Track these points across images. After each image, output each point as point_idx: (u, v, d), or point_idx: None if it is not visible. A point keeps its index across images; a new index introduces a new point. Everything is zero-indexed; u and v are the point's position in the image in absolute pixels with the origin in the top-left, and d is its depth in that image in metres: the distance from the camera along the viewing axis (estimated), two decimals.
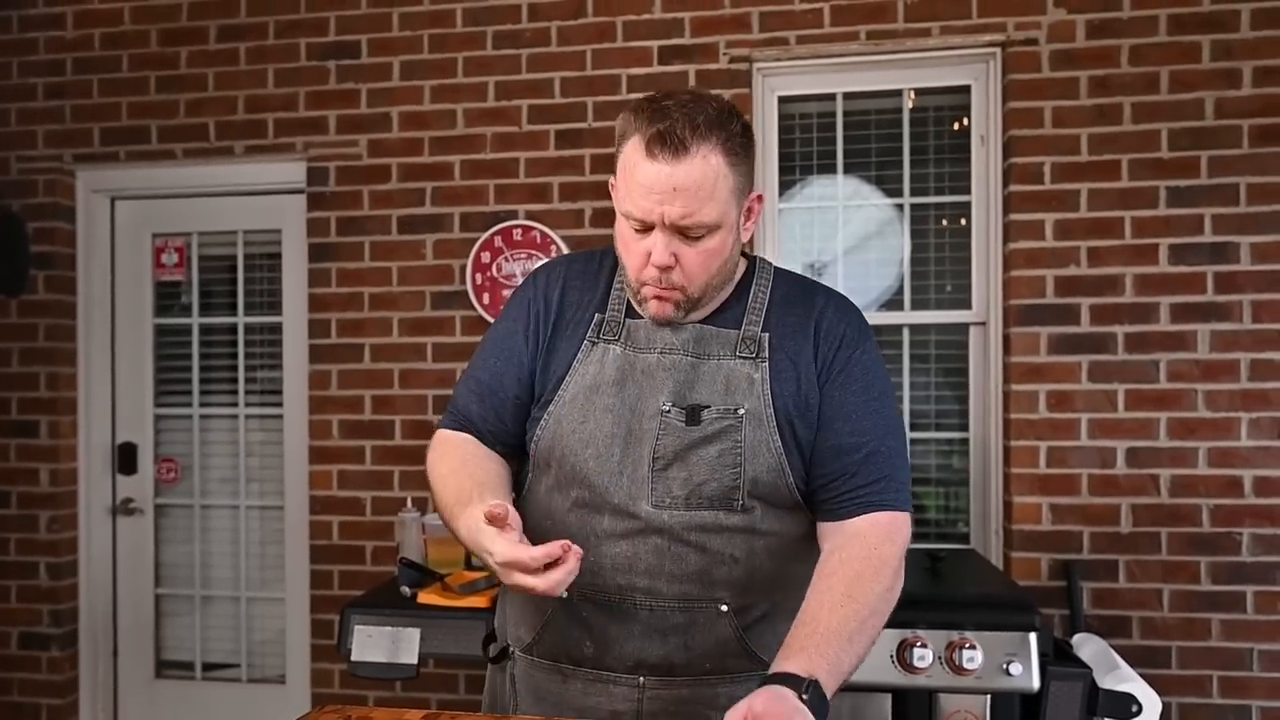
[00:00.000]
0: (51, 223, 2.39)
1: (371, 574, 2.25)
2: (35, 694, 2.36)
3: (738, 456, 0.90)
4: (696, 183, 0.85)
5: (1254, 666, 1.93)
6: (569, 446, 0.92)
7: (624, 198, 0.89)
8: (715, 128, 0.86)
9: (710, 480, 0.90)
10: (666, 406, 0.91)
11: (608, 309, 0.97)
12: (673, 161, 0.84)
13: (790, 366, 0.93)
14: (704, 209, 0.86)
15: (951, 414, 2.19)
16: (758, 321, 0.95)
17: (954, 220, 2.19)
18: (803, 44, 2.12)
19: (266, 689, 2.41)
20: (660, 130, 0.84)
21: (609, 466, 0.91)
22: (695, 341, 0.94)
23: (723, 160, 0.86)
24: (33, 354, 2.39)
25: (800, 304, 0.97)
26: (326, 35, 2.30)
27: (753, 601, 0.93)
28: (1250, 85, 1.96)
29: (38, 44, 2.41)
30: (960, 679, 1.52)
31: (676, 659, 0.92)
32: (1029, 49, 2.04)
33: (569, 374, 0.94)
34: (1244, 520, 1.95)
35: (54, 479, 2.37)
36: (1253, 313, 1.96)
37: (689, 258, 0.88)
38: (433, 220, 2.26)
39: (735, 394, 0.92)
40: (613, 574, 0.91)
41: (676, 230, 0.87)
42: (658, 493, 0.90)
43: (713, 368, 0.93)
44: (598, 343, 0.95)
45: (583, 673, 0.95)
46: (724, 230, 0.89)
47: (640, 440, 0.91)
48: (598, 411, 0.92)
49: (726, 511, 0.90)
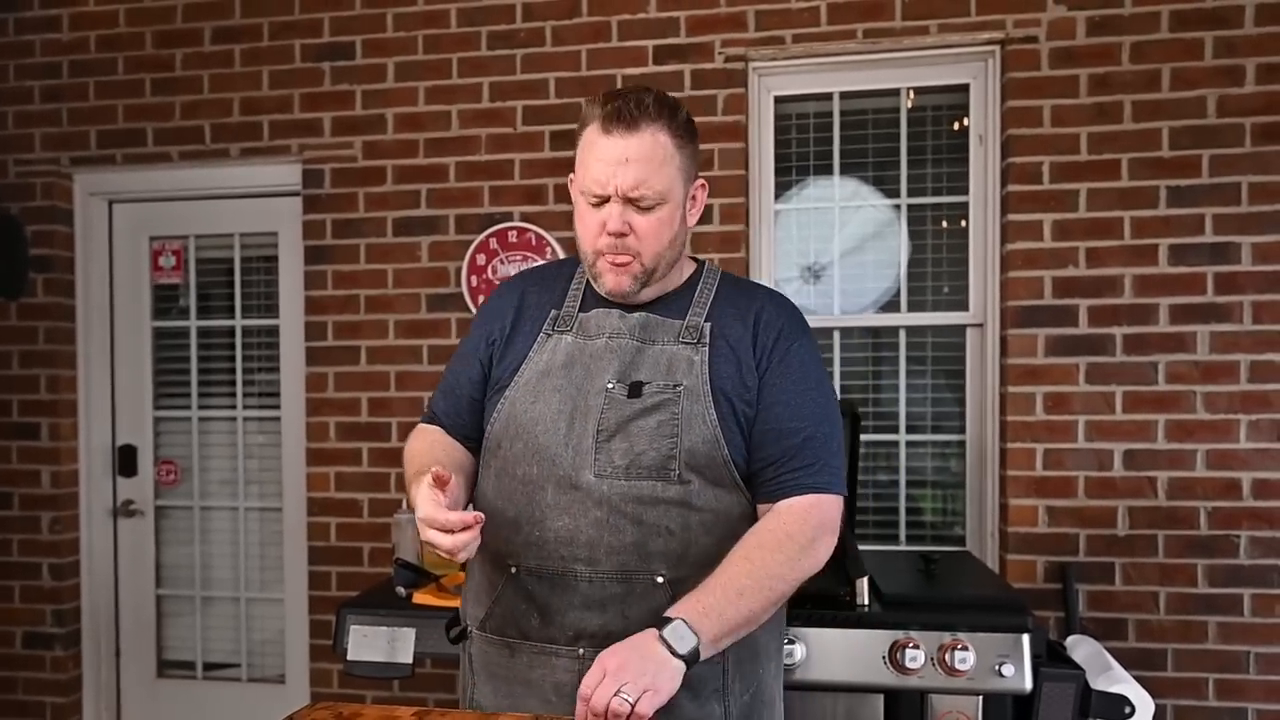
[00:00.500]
0: (50, 226, 2.40)
1: (369, 575, 2.26)
2: (40, 693, 2.40)
3: (675, 427, 0.97)
4: (646, 154, 0.96)
5: (1250, 669, 1.93)
6: (521, 425, 1.00)
7: (582, 176, 0.99)
8: (661, 110, 0.98)
9: (649, 450, 0.97)
10: (611, 384, 0.99)
11: (564, 305, 1.06)
12: (625, 135, 0.96)
13: (729, 352, 1.01)
14: (653, 179, 0.97)
15: (948, 416, 2.18)
16: (701, 313, 1.04)
17: (952, 221, 2.17)
18: (799, 43, 2.10)
19: (266, 688, 2.43)
20: (614, 108, 0.96)
21: (556, 439, 0.98)
22: (641, 328, 1.03)
23: (669, 139, 0.98)
24: (33, 357, 2.40)
25: (742, 300, 1.06)
26: (321, 36, 2.29)
27: (688, 575, 0.97)
28: (1253, 83, 1.94)
29: (34, 47, 2.41)
30: (952, 680, 1.53)
31: (614, 628, 0.97)
32: (1028, 47, 2.01)
33: (524, 363, 1.04)
34: (1242, 523, 1.94)
35: (55, 480, 2.39)
36: (1253, 314, 1.94)
37: (642, 226, 0.98)
38: (428, 222, 2.25)
39: (675, 373, 1.00)
40: (556, 547, 0.98)
41: (629, 200, 0.97)
42: (600, 462, 0.97)
43: (656, 352, 1.01)
44: (551, 334, 1.05)
45: (529, 645, 1.01)
46: (671, 205, 0.99)
47: (586, 415, 0.99)
48: (547, 392, 1.01)
49: (664, 482, 0.96)
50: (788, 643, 1.45)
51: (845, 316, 2.21)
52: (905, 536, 2.19)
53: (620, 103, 0.96)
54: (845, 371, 2.22)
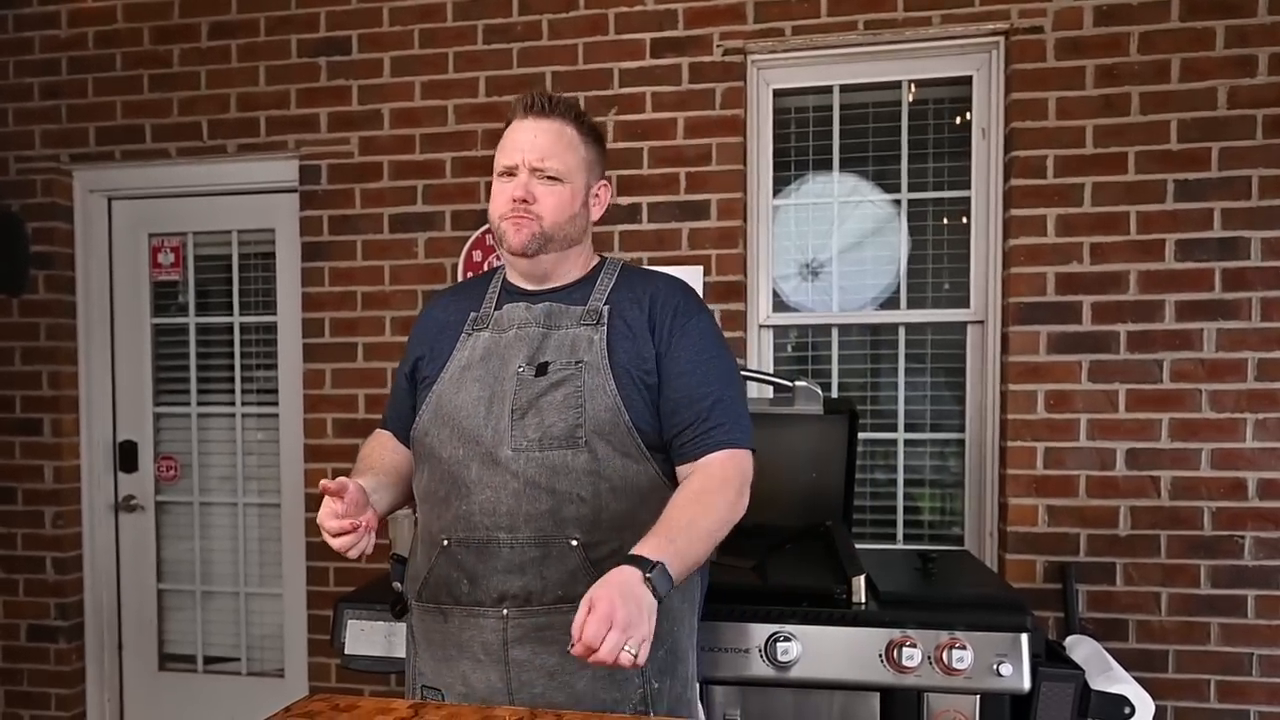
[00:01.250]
0: (50, 223, 2.41)
1: (366, 571, 2.27)
2: (44, 684, 2.43)
3: (579, 398, 1.07)
4: (554, 136, 1.11)
5: (1253, 671, 1.90)
6: (446, 412, 1.12)
7: (499, 158, 1.13)
8: (571, 109, 1.14)
9: (558, 421, 1.07)
10: (521, 367, 1.11)
11: (482, 307, 1.18)
12: (537, 119, 1.12)
13: (626, 329, 1.12)
14: (556, 158, 1.11)
15: (948, 415, 2.16)
16: (601, 298, 1.15)
17: (953, 216, 2.14)
18: (799, 34, 2.07)
19: (266, 682, 2.45)
20: (532, 97, 1.13)
21: (477, 421, 1.10)
22: (546, 316, 1.14)
23: (575, 133, 1.13)
24: (35, 353, 2.42)
25: (638, 285, 1.17)
26: (317, 31, 2.28)
27: (602, 539, 1.07)
28: (1266, 73, 1.89)
29: (33, 43, 2.41)
30: (950, 679, 1.51)
31: (533, 588, 1.07)
32: (1034, 37, 1.97)
33: (449, 361, 1.15)
34: (1247, 523, 1.91)
35: (57, 476, 2.41)
36: (1262, 310, 1.90)
37: (543, 195, 1.11)
38: (424, 218, 2.24)
39: (578, 351, 1.11)
40: (480, 518, 1.08)
41: (533, 172, 1.10)
42: (515, 437, 1.07)
43: (560, 335, 1.12)
44: (471, 334, 1.16)
45: (460, 610, 1.10)
46: (572, 186, 1.13)
47: (502, 398, 1.10)
48: (469, 382, 1.12)
49: (573, 450, 1.06)
50: (783, 639, 1.44)
51: (844, 313, 2.18)
52: (903, 536, 2.17)
53: (535, 95, 1.13)
54: (843, 369, 2.20)
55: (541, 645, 1.06)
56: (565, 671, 1.06)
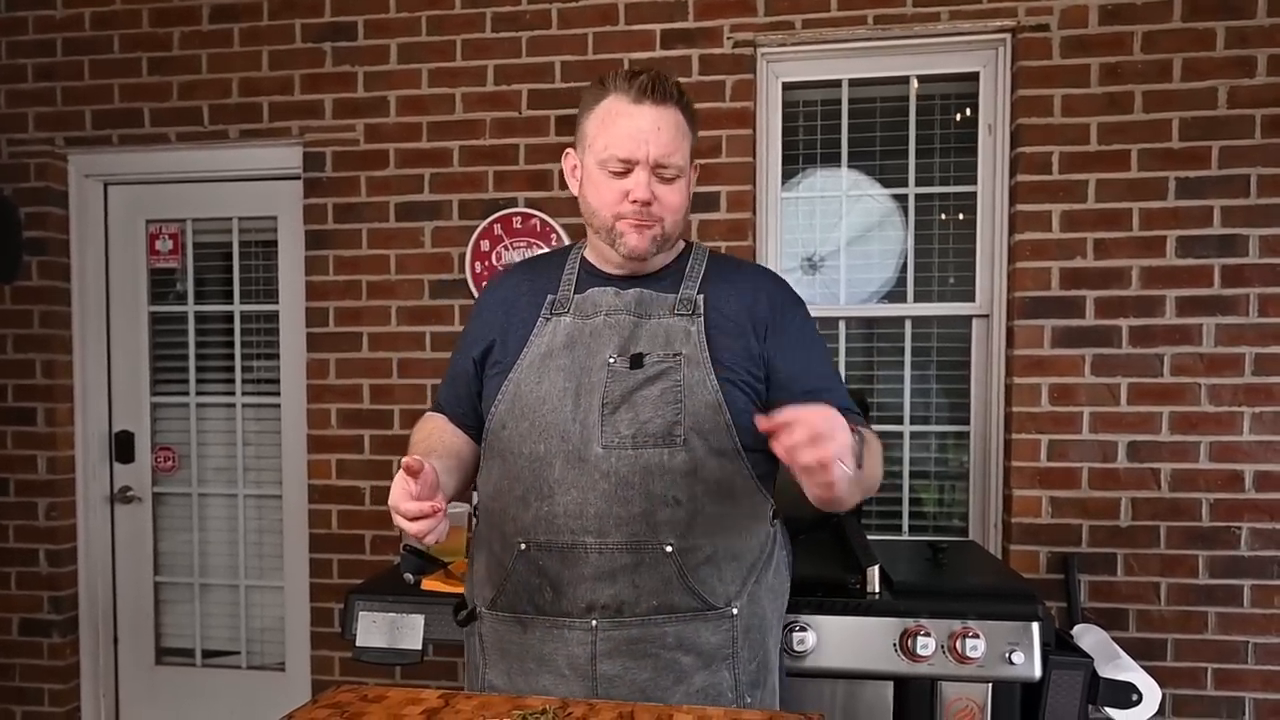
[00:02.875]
0: (44, 208, 2.36)
1: (372, 563, 2.25)
2: (37, 679, 2.38)
3: (678, 393, 1.00)
4: (674, 126, 1.02)
5: (1249, 659, 1.95)
6: (527, 404, 1.03)
7: (604, 147, 1.02)
8: (680, 94, 1.05)
9: (654, 418, 0.99)
10: (612, 358, 1.02)
11: (559, 289, 1.09)
12: (657, 105, 1.01)
13: (725, 321, 1.05)
14: (677, 152, 1.03)
15: (953, 407, 2.18)
16: (693, 286, 1.08)
17: (958, 211, 2.16)
18: (808, 28, 2.08)
19: (266, 676, 2.42)
20: (647, 80, 1.01)
21: (563, 415, 1.01)
22: (637, 303, 1.06)
23: (684, 121, 1.05)
24: (28, 341, 2.37)
25: (735, 274, 1.11)
26: (322, 16, 2.25)
27: (696, 544, 1.00)
28: (1265, 74, 1.93)
29: (26, 23, 2.36)
30: (963, 667, 1.53)
31: (625, 597, 0.99)
32: (1040, 35, 1.99)
33: (525, 347, 1.06)
34: (1244, 515, 1.95)
35: (52, 467, 2.36)
36: (1259, 306, 1.94)
37: (664, 194, 1.03)
38: (431, 207, 2.22)
39: (674, 343, 1.03)
40: (565, 521, 0.99)
41: (654, 169, 1.02)
42: (607, 434, 0.99)
43: (653, 325, 1.05)
44: (550, 318, 1.07)
45: (542, 620, 1.02)
46: (685, 179, 1.05)
47: (590, 391, 1.01)
48: (551, 372, 1.03)
49: (669, 448, 0.98)
50: (799, 629, 1.45)
51: (850, 306, 2.20)
52: (908, 527, 2.19)
53: (650, 77, 1.02)
54: (850, 361, 2.21)
55: (633, 660, 0.99)
56: (659, 688, 0.99)
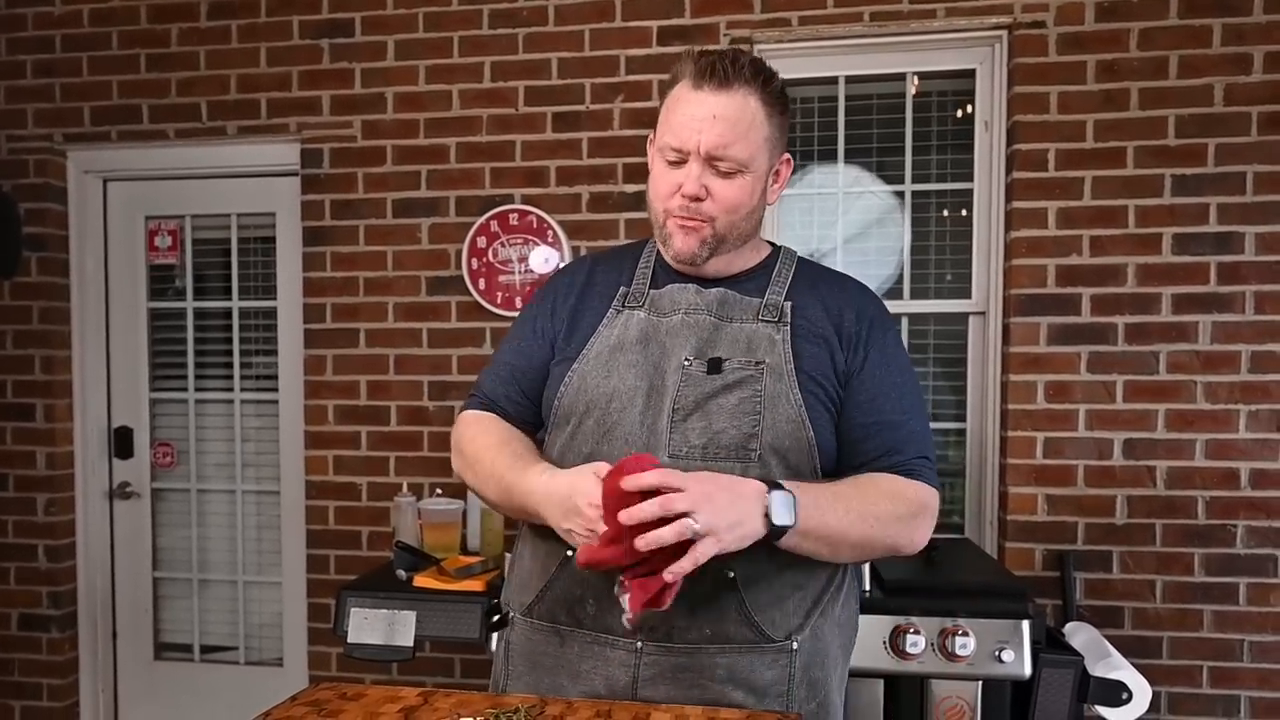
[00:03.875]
0: (43, 204, 2.37)
1: (367, 559, 2.26)
2: (36, 674, 2.39)
3: (757, 404, 0.91)
4: (735, 115, 0.91)
5: (1244, 657, 1.95)
6: (593, 400, 0.94)
7: (663, 132, 0.94)
8: (756, 74, 0.93)
9: (729, 428, 0.91)
10: (688, 360, 0.94)
11: (633, 282, 1.01)
12: (715, 92, 0.91)
13: (813, 333, 0.96)
14: (738, 143, 0.91)
15: (949, 404, 2.18)
16: (780, 292, 0.98)
17: (955, 208, 2.16)
18: (805, 25, 2.08)
19: (264, 671, 2.43)
20: (709, 63, 0.92)
21: (630, 418, 0.92)
22: (719, 304, 0.97)
23: (759, 105, 0.92)
24: (27, 337, 2.38)
25: (825, 283, 1.01)
26: (319, 13, 2.25)
27: (762, 573, 0.92)
28: (1261, 71, 1.92)
29: (25, 20, 2.37)
30: (952, 665, 1.54)
31: (677, 622, 0.91)
32: (1036, 32, 1.99)
33: (594, 336, 0.98)
34: (1239, 513, 1.95)
35: (51, 462, 2.37)
36: (1255, 304, 1.94)
37: (720, 191, 0.92)
38: (428, 204, 2.23)
39: (757, 350, 0.94)
40: None
41: (709, 162, 0.92)
42: (675, 442, 0.91)
43: (735, 329, 0.96)
44: (622, 310, 0.99)
45: (582, 634, 0.94)
46: (753, 176, 0.94)
47: (662, 393, 0.93)
48: (621, 367, 0.95)
49: (743, 463, 0.90)
50: None
51: None
52: None
53: (715, 59, 0.92)
54: None
55: (679, 689, 0.91)
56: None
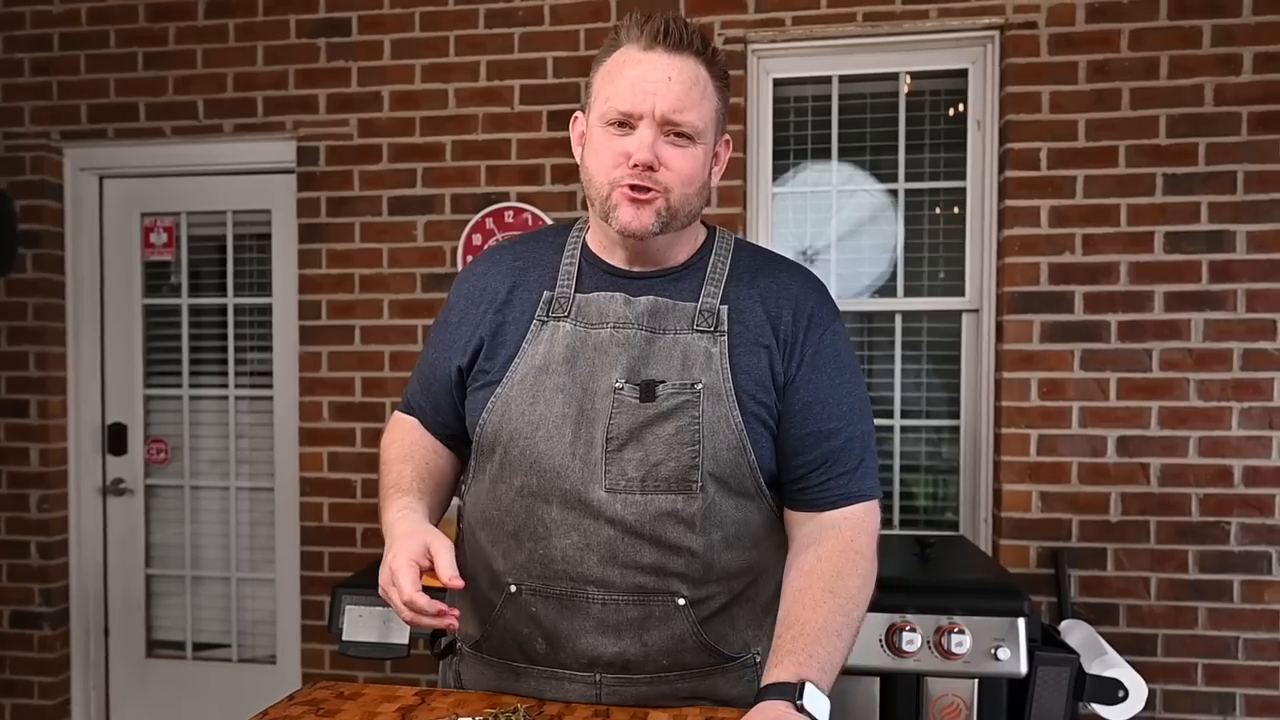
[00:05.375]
0: (39, 201, 2.37)
1: (362, 556, 2.25)
2: (27, 672, 2.37)
3: (695, 433, 0.85)
4: (690, 79, 0.85)
5: (1239, 654, 1.94)
6: (517, 429, 0.87)
7: (608, 98, 0.86)
8: (705, 46, 0.87)
9: (667, 460, 0.85)
10: (620, 383, 0.86)
11: (557, 285, 0.92)
12: (670, 53, 0.84)
13: (751, 341, 0.89)
14: (693, 109, 0.85)
15: (943, 401, 2.19)
16: (716, 293, 0.90)
17: (948, 206, 2.17)
18: (799, 25, 2.09)
19: (257, 669, 2.42)
20: (663, 22, 0.85)
21: (560, 448, 0.86)
22: (650, 315, 0.89)
23: (708, 76, 0.87)
24: (22, 333, 2.38)
25: (763, 277, 0.92)
26: (316, 12, 2.26)
27: (711, 594, 0.89)
28: (1250, 71, 1.94)
29: (24, 18, 2.38)
30: (948, 663, 1.53)
31: (632, 656, 0.88)
32: (1028, 32, 2.01)
33: (518, 355, 0.90)
34: (1233, 510, 1.95)
35: (44, 459, 2.37)
36: (1247, 302, 1.95)
37: (674, 159, 0.85)
38: (424, 201, 2.24)
39: (692, 368, 0.87)
40: (564, 567, 0.87)
41: (663, 127, 0.84)
42: (611, 475, 0.85)
43: (669, 342, 0.88)
44: (547, 321, 0.90)
45: (537, 670, 0.91)
46: (704, 147, 0.88)
47: (593, 420, 0.86)
48: (548, 391, 0.87)
49: (685, 496, 0.85)
50: None
51: (841, 301, 2.17)
52: (899, 521, 2.19)
53: (666, 22, 0.85)
54: None
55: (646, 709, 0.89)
56: None
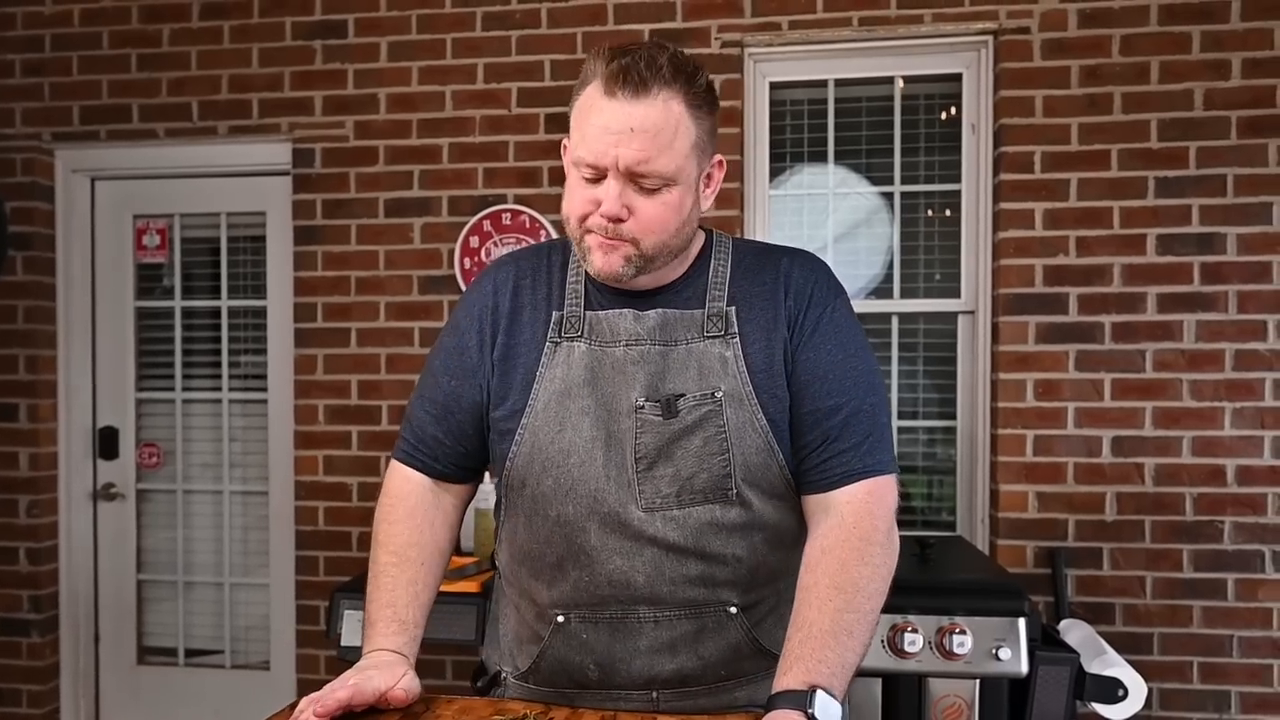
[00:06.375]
0: (30, 202, 2.35)
1: (358, 560, 2.23)
2: (15, 680, 2.34)
3: (723, 442, 0.84)
4: (656, 125, 0.80)
5: (1234, 653, 1.96)
6: (549, 458, 0.86)
7: (577, 144, 0.83)
8: (678, 74, 0.81)
9: (699, 473, 0.85)
10: (640, 402, 0.85)
11: (565, 305, 0.90)
12: (632, 100, 0.79)
13: (762, 337, 0.87)
14: (661, 157, 0.80)
15: (939, 403, 2.20)
16: (721, 296, 0.89)
17: (944, 209, 2.19)
18: (795, 29, 2.11)
19: (250, 675, 2.39)
20: (621, 66, 0.79)
21: (593, 472, 0.85)
22: (661, 328, 0.88)
23: (684, 109, 0.82)
24: (12, 336, 2.35)
25: (764, 270, 0.90)
26: (312, 14, 2.26)
27: (760, 598, 0.89)
28: (1239, 77, 1.97)
29: (15, 19, 2.36)
30: (950, 664, 1.54)
31: (690, 671, 0.87)
32: (1021, 37, 2.03)
33: (536, 381, 0.88)
34: (1226, 509, 1.97)
35: (34, 463, 2.34)
36: (1238, 303, 1.97)
37: (644, 209, 0.82)
38: (420, 203, 2.23)
39: (710, 376, 0.86)
40: (611, 591, 0.86)
41: (630, 178, 0.81)
42: (646, 494, 0.84)
43: (682, 353, 0.87)
44: (560, 342, 0.88)
45: (590, 693, 0.90)
46: (682, 187, 0.83)
47: (621, 441, 0.85)
48: (574, 415, 0.86)
49: (722, 505, 0.85)
50: None
51: None
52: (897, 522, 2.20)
53: (629, 60, 0.79)
54: None
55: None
56: None
